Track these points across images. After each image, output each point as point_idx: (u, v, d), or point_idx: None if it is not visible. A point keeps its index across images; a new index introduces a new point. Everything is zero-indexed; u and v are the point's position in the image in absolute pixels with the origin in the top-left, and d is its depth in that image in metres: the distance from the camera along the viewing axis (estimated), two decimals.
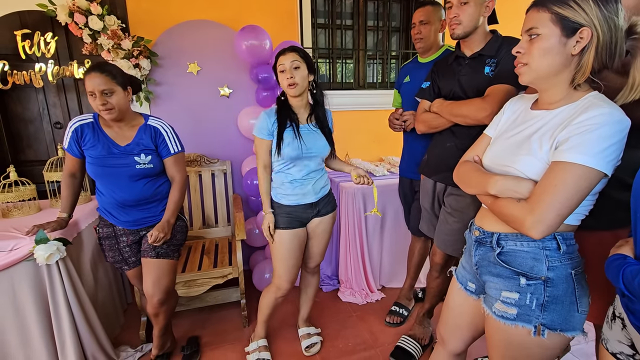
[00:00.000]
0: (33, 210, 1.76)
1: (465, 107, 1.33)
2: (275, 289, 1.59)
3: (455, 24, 1.34)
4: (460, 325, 1.10)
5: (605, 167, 0.74)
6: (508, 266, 0.89)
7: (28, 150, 2.27)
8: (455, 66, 1.44)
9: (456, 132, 1.42)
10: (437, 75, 1.52)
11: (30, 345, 1.45)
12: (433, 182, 1.57)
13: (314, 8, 2.66)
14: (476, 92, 1.35)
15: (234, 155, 2.48)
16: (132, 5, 2.20)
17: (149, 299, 1.48)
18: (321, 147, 1.50)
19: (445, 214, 1.49)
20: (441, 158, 1.48)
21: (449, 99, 1.44)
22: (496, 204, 0.87)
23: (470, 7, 1.31)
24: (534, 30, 0.82)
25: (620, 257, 0.72)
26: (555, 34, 0.80)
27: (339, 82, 2.93)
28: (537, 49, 0.82)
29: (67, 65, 2.07)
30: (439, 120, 1.46)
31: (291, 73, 1.41)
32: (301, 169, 1.50)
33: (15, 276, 1.40)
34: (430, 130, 1.52)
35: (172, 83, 2.33)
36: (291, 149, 1.44)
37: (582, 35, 0.77)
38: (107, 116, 1.35)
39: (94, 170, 1.41)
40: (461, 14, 1.32)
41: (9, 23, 2.01)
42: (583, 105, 0.80)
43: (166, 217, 1.50)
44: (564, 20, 0.78)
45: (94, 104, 1.33)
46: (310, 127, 1.51)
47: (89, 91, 1.31)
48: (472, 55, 1.38)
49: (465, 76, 1.39)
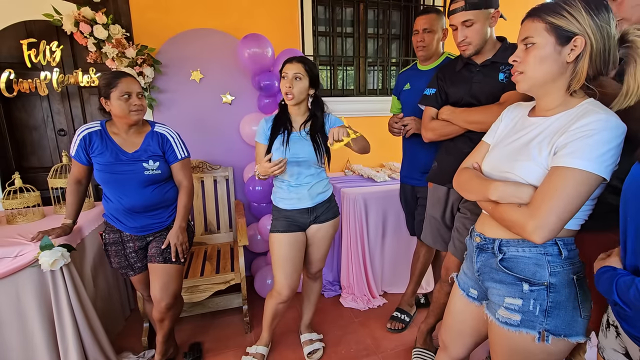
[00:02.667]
0: (37, 217, 1.77)
1: (481, 113, 1.31)
2: (276, 295, 1.59)
3: (466, 45, 1.34)
4: (463, 332, 1.11)
5: (604, 171, 0.76)
6: (510, 272, 0.90)
7: (32, 157, 2.28)
8: (465, 73, 1.43)
9: (473, 138, 1.36)
10: (444, 82, 1.50)
11: (33, 351, 1.45)
12: (446, 190, 1.53)
13: (315, 16, 2.69)
14: (490, 98, 1.34)
15: (236, 161, 2.50)
16: (137, 15, 2.24)
17: (157, 303, 1.49)
18: (308, 153, 1.51)
19: (463, 220, 1.44)
20: (457, 165, 1.44)
21: (458, 106, 1.42)
22: (497, 210, 0.88)
23: (477, 26, 1.31)
24: (529, 39, 0.85)
25: (610, 269, 0.72)
26: (550, 43, 0.82)
27: (340, 88, 2.95)
28: (533, 57, 0.84)
29: (72, 73, 2.09)
30: (449, 128, 1.43)
31: (291, 83, 1.45)
32: (292, 173, 1.53)
33: (20, 282, 1.40)
34: (439, 138, 1.50)
35: (175, 90, 2.35)
36: (278, 154, 1.51)
37: (576, 43, 0.80)
38: (136, 117, 1.42)
39: (102, 177, 1.43)
40: (469, 35, 1.32)
41: (15, 32, 2.04)
42: (580, 112, 0.82)
43: (178, 223, 1.53)
44: (557, 29, 0.81)
45: (125, 105, 1.38)
46: (301, 135, 1.54)
47: (126, 92, 1.37)
48: (483, 62, 1.38)
49: (478, 83, 1.38)
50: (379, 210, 2.25)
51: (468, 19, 1.30)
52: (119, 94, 1.36)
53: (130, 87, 1.38)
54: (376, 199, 2.24)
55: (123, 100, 1.37)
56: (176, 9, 2.30)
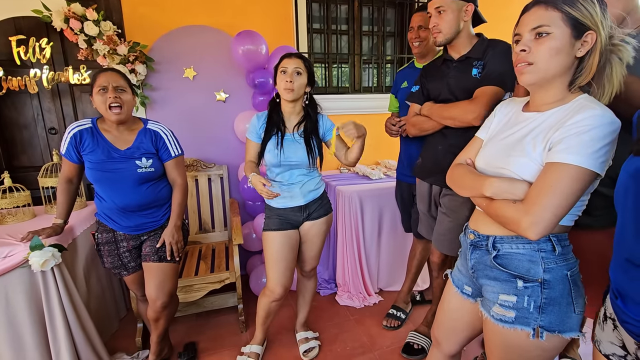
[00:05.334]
0: (28, 217, 1.75)
1: (454, 109, 1.36)
2: (269, 293, 1.58)
3: (436, 32, 1.38)
4: (456, 329, 1.11)
5: (598, 167, 0.76)
6: (505, 269, 0.89)
7: (22, 156, 2.25)
8: (443, 69, 1.46)
9: (447, 134, 1.44)
10: (425, 79, 1.55)
11: (24, 354, 1.42)
12: (428, 184, 1.58)
13: (309, 13, 2.67)
14: (464, 93, 1.37)
15: (231, 159, 2.48)
16: (128, 11, 2.20)
17: (152, 303, 1.47)
18: (300, 157, 1.50)
19: (441, 215, 1.51)
20: (434, 160, 1.50)
21: (438, 102, 1.47)
22: (491, 206, 0.88)
23: (447, 15, 1.34)
24: (544, 28, 0.79)
25: None
26: (566, 34, 0.78)
27: (335, 86, 2.94)
28: (548, 48, 0.79)
29: (62, 70, 2.06)
30: (429, 123, 1.48)
31: (291, 77, 1.42)
32: (285, 174, 1.53)
33: (10, 283, 1.38)
34: (421, 133, 1.54)
35: (168, 88, 2.32)
36: (271, 156, 1.49)
37: (587, 38, 0.78)
38: (115, 115, 1.36)
39: (94, 175, 1.41)
40: (440, 22, 1.36)
41: (3, 29, 2.00)
42: (575, 107, 0.81)
43: (173, 221, 1.51)
44: (574, 20, 0.78)
45: (102, 99, 1.33)
46: (295, 137, 1.52)
47: (102, 86, 1.33)
48: (459, 58, 1.40)
49: (453, 79, 1.41)
50: (374, 208, 2.25)
51: (440, 5, 1.34)
52: (97, 89, 1.34)
53: (107, 80, 1.34)
54: (372, 196, 2.23)
55: (100, 95, 1.34)
56: (168, 5, 2.27)
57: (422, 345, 1.77)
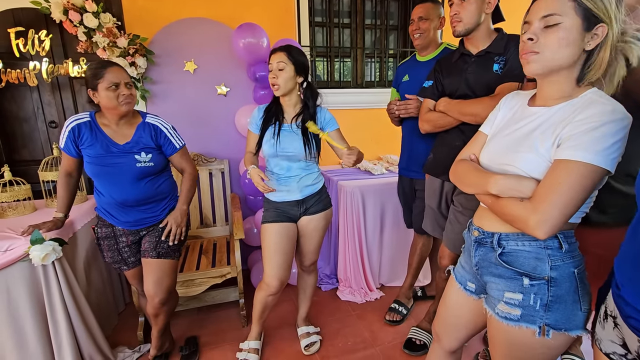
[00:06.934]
0: (28, 210, 1.74)
1: (475, 105, 1.31)
2: (265, 287, 1.56)
3: (456, 21, 1.34)
4: (457, 325, 1.10)
5: (609, 164, 0.73)
6: (510, 267, 0.88)
7: (23, 149, 2.24)
8: (461, 64, 1.42)
9: (465, 130, 1.38)
10: (440, 74, 1.50)
11: (26, 347, 1.42)
12: (441, 181, 1.55)
13: (311, 6, 2.64)
14: (485, 90, 1.33)
15: (232, 154, 2.47)
16: (128, 3, 2.17)
17: (150, 299, 1.47)
18: (296, 148, 1.49)
19: (456, 213, 1.46)
20: (450, 157, 1.45)
21: (454, 98, 1.42)
22: (497, 204, 0.86)
23: (470, 4, 1.30)
24: (554, 17, 0.76)
25: None
26: (577, 25, 0.76)
27: (337, 80, 2.91)
28: (557, 39, 0.77)
29: (62, 63, 2.04)
30: (445, 120, 1.43)
31: (275, 74, 1.43)
32: (282, 166, 1.53)
33: (11, 277, 1.37)
34: (436, 130, 1.50)
35: (169, 81, 2.30)
36: (268, 147, 1.50)
37: (597, 32, 0.76)
38: (126, 108, 1.37)
39: (93, 169, 1.39)
40: (461, 11, 1.31)
41: (2, 20, 1.98)
42: (584, 102, 0.79)
43: (180, 204, 1.53)
44: (586, 11, 0.75)
45: (113, 95, 1.33)
46: (292, 128, 1.51)
47: (113, 82, 1.32)
48: (478, 53, 1.36)
49: (473, 74, 1.37)
50: (376, 203, 2.24)
51: None
52: (106, 85, 1.32)
53: (118, 77, 1.33)
54: (374, 191, 2.22)
55: (111, 91, 1.32)
56: None
57: (424, 340, 1.77)
